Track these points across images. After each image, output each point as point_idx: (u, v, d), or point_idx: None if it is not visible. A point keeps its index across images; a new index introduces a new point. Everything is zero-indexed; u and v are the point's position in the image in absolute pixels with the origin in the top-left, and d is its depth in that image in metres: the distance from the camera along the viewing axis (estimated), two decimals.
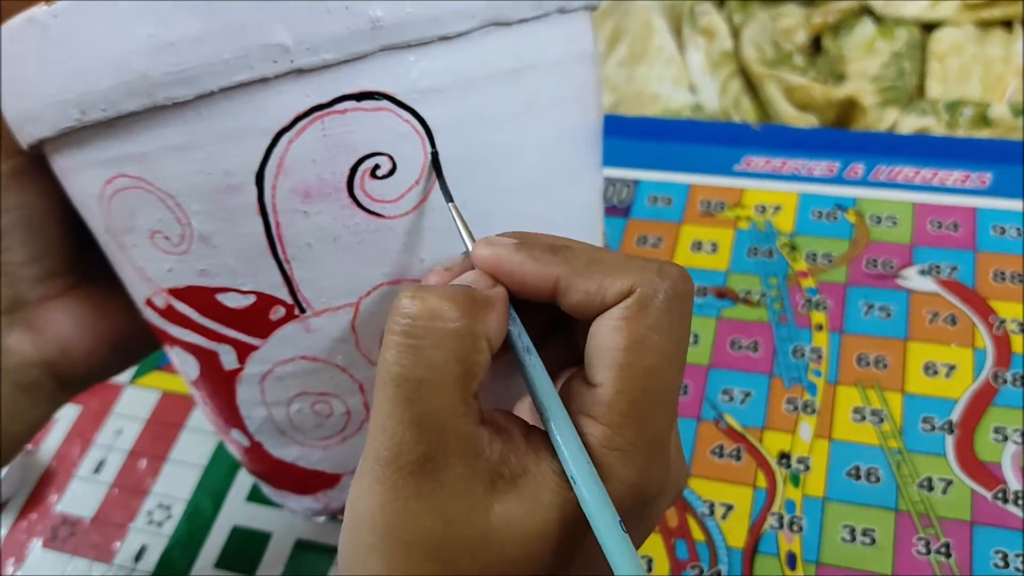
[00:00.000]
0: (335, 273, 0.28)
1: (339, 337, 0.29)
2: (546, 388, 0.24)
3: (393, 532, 0.23)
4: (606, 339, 0.24)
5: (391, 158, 0.27)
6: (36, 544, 0.47)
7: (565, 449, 0.23)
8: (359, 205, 0.27)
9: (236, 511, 0.46)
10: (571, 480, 0.23)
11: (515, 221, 0.29)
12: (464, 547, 0.23)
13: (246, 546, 0.45)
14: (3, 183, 0.33)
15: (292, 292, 0.28)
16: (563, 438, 0.23)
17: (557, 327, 0.28)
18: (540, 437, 0.25)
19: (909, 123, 0.60)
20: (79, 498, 0.48)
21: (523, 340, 0.25)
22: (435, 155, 0.27)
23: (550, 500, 0.24)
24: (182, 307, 0.30)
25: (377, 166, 0.27)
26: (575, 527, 0.24)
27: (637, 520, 0.25)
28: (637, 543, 0.26)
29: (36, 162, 0.33)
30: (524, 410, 0.29)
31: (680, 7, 0.71)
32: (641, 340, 0.24)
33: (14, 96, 0.30)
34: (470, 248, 0.26)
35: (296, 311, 0.29)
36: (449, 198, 0.27)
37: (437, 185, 0.28)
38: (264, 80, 0.26)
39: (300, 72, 0.26)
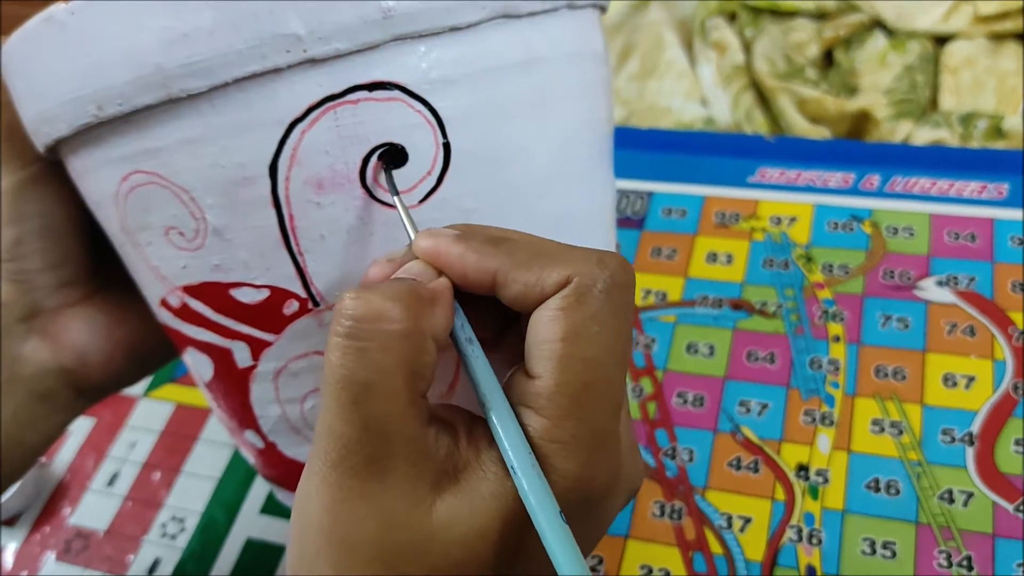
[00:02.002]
0: (348, 265, 0.28)
1: None
2: (487, 378, 0.24)
3: (339, 535, 0.23)
4: (544, 330, 0.24)
5: (403, 149, 0.27)
6: (49, 557, 0.47)
7: (505, 439, 0.23)
8: (372, 196, 0.27)
9: (250, 524, 0.46)
10: (511, 470, 0.23)
11: (526, 215, 0.29)
12: (408, 549, 0.23)
13: (260, 559, 0.45)
14: (21, 192, 0.34)
15: (305, 285, 0.28)
16: (503, 428, 0.23)
17: (507, 327, 0.28)
18: (483, 430, 0.25)
19: (923, 135, 0.60)
20: (93, 511, 0.48)
21: (465, 331, 0.25)
22: (385, 152, 0.27)
23: (490, 492, 0.23)
24: (196, 304, 0.30)
25: (389, 156, 0.27)
26: (517, 522, 0.23)
27: (583, 517, 0.25)
28: (586, 542, 0.26)
29: (52, 171, 0.33)
30: (468, 399, 0.28)
31: (691, 22, 0.71)
32: (579, 331, 0.23)
33: (31, 98, 0.30)
34: (413, 238, 0.26)
35: (309, 305, 0.29)
36: (395, 192, 0.27)
37: (449, 175, 0.28)
38: (277, 70, 0.26)
39: (313, 62, 0.26)
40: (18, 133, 0.33)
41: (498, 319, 0.27)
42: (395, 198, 0.27)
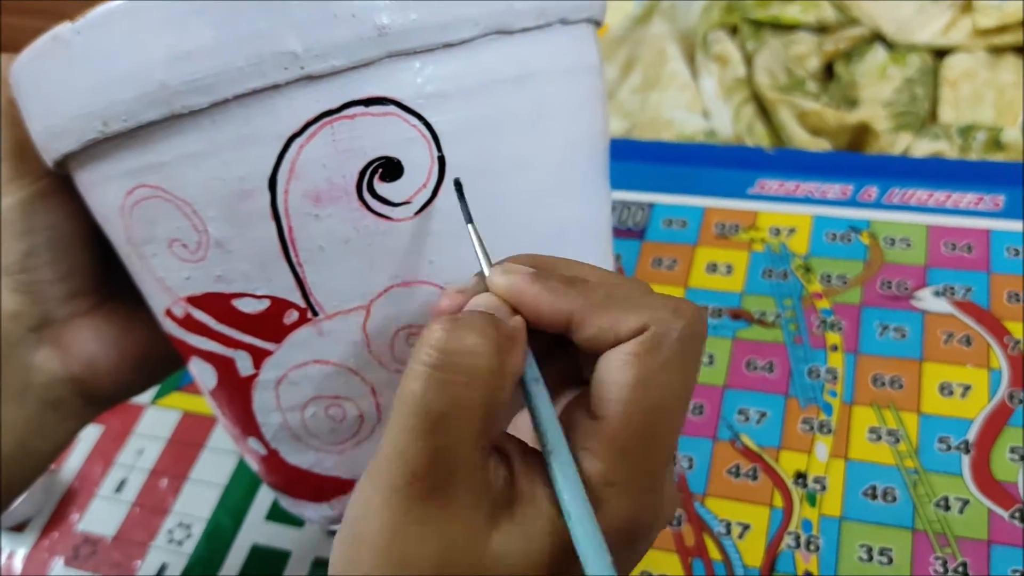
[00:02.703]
0: (346, 276, 0.29)
1: (351, 340, 0.30)
2: (550, 421, 0.24)
3: (396, 555, 0.23)
4: (615, 373, 0.24)
5: (399, 162, 0.28)
6: (58, 562, 0.47)
7: (563, 486, 0.23)
8: (368, 208, 0.28)
9: (255, 530, 0.47)
10: (566, 516, 0.23)
11: (522, 227, 0.30)
12: (463, 573, 0.23)
13: (265, 564, 0.45)
14: (31, 205, 0.34)
15: (305, 296, 0.29)
16: (562, 475, 0.24)
17: (560, 347, 0.28)
18: (539, 463, 0.25)
19: (922, 148, 0.61)
20: (101, 517, 0.49)
21: (532, 369, 0.25)
22: (458, 181, 0.28)
23: (543, 528, 0.24)
24: (200, 315, 0.31)
25: (385, 170, 0.28)
26: (567, 559, 0.24)
27: (627, 552, 0.25)
28: (624, 569, 0.26)
29: (61, 185, 0.34)
30: (521, 427, 0.28)
31: (693, 35, 0.72)
32: (650, 378, 0.24)
33: (40, 114, 0.31)
34: (487, 272, 0.26)
35: (309, 315, 0.29)
36: (469, 219, 0.27)
37: (444, 188, 0.28)
38: (276, 87, 0.27)
39: (310, 78, 0.27)
40: (27, 149, 0.34)
41: (550, 338, 0.27)
42: (469, 226, 0.27)
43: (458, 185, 0.28)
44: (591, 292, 0.25)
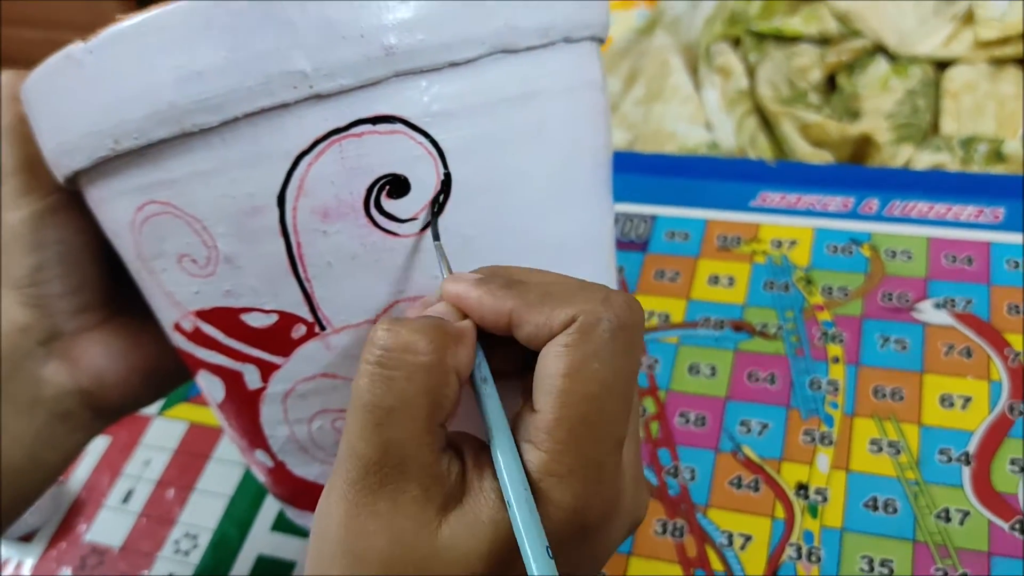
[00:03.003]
0: (353, 291, 0.29)
1: (358, 354, 0.30)
2: (495, 414, 0.25)
3: (351, 546, 0.25)
4: (548, 366, 0.25)
5: (406, 179, 0.28)
6: (65, 573, 0.48)
7: (504, 472, 0.24)
8: (375, 224, 0.28)
9: (261, 540, 0.47)
10: (507, 503, 0.24)
11: (527, 242, 0.30)
12: (412, 565, 0.24)
13: (271, 575, 0.46)
14: (42, 220, 0.35)
15: (313, 310, 0.30)
16: (504, 461, 0.24)
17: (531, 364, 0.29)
18: (489, 458, 0.26)
19: (924, 159, 0.61)
20: (108, 528, 0.49)
21: (481, 370, 0.26)
22: (436, 198, 0.29)
23: (490, 518, 0.24)
24: (208, 329, 0.31)
25: (392, 187, 0.28)
26: (511, 549, 0.24)
27: (578, 545, 0.25)
28: (584, 569, 0.27)
29: (71, 200, 0.35)
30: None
31: (696, 47, 0.72)
32: (580, 367, 0.24)
33: (51, 131, 0.31)
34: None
35: (316, 329, 0.30)
36: (436, 237, 0.28)
37: (450, 205, 0.29)
38: (285, 105, 0.27)
39: (319, 97, 0.27)
40: (38, 165, 0.34)
41: (524, 355, 0.28)
42: (435, 244, 0.28)
43: (435, 204, 0.29)
44: (527, 292, 0.26)
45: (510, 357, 0.28)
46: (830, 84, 0.69)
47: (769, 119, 0.67)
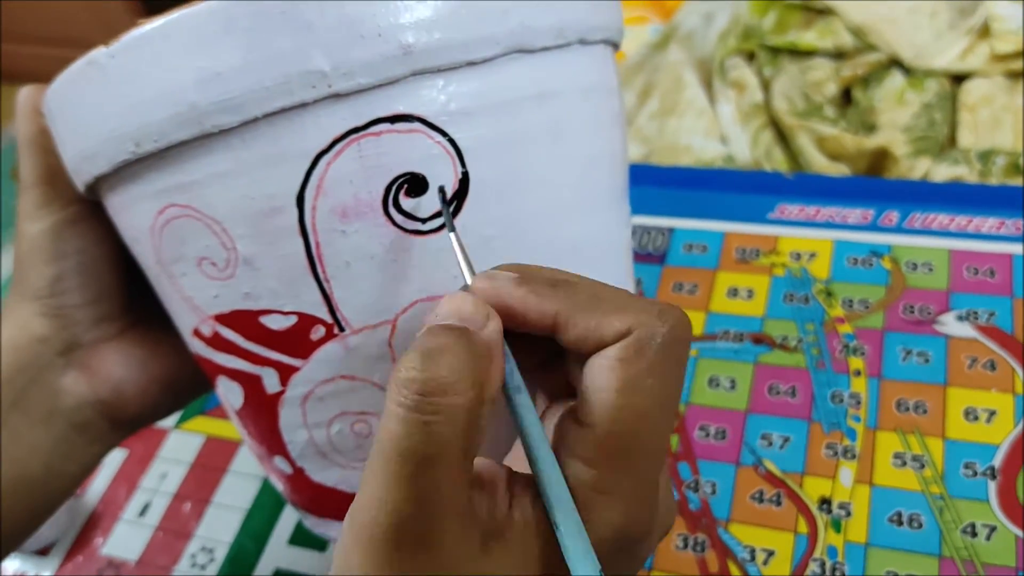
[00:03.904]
0: (372, 291, 0.29)
1: (377, 355, 0.30)
2: (534, 430, 0.24)
3: None
4: (600, 379, 0.24)
5: (424, 178, 0.28)
6: None
7: (552, 497, 0.23)
8: (394, 223, 0.28)
9: (278, 554, 0.47)
10: (554, 527, 0.23)
11: (542, 244, 0.30)
12: None
13: None
14: (61, 231, 0.35)
15: (332, 311, 0.29)
16: (550, 486, 0.23)
17: (553, 359, 0.28)
18: (524, 483, 0.25)
19: (942, 172, 0.61)
20: (124, 541, 0.49)
21: (514, 378, 0.25)
22: (442, 188, 0.28)
23: (538, 548, 0.24)
24: (227, 332, 0.31)
25: (410, 185, 0.28)
26: (563, 571, 0.23)
27: (619, 560, 0.25)
28: None
29: (90, 211, 0.35)
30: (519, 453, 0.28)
31: (710, 61, 0.72)
32: (635, 383, 0.23)
33: (73, 138, 0.31)
34: (468, 281, 0.26)
35: (336, 330, 0.30)
36: (451, 228, 0.28)
37: (468, 203, 0.29)
38: (303, 105, 0.27)
39: (337, 96, 0.27)
40: (58, 176, 0.34)
41: (547, 349, 0.27)
42: (451, 235, 0.27)
43: (442, 192, 0.28)
44: (576, 293, 0.25)
45: (528, 352, 0.26)
46: (845, 98, 0.69)
47: (784, 132, 0.67)
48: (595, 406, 0.24)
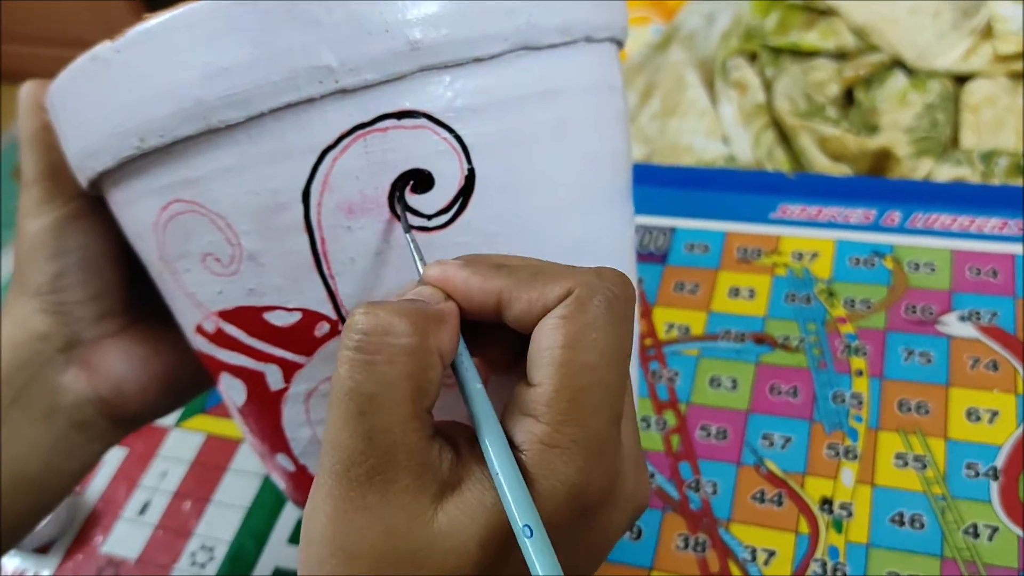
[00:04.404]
0: (377, 287, 0.29)
1: None
2: (476, 392, 0.25)
3: (341, 544, 0.24)
4: (545, 339, 0.24)
5: (429, 174, 0.28)
6: None
7: (489, 445, 0.24)
8: (399, 219, 0.28)
9: (278, 553, 0.47)
10: (493, 476, 0.23)
11: (545, 241, 0.30)
12: (407, 558, 0.23)
13: None
14: (63, 227, 0.35)
15: (336, 307, 0.29)
16: (489, 439, 0.24)
17: (493, 333, 0.28)
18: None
19: (944, 173, 0.61)
20: (124, 539, 0.49)
21: (462, 354, 0.26)
22: (398, 193, 0.28)
23: (486, 504, 0.24)
24: (231, 329, 0.31)
25: (416, 181, 0.28)
26: (509, 531, 0.24)
27: (579, 526, 0.25)
28: (586, 555, 0.26)
29: (92, 207, 0.35)
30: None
31: (712, 62, 0.72)
32: (579, 337, 0.24)
33: (77, 133, 0.31)
34: (421, 272, 0.27)
35: (340, 327, 0.30)
36: (407, 229, 0.28)
37: (473, 200, 0.29)
38: (310, 100, 0.27)
39: (344, 92, 0.27)
40: (60, 172, 0.34)
41: (515, 347, 0.27)
42: (407, 235, 0.28)
43: (399, 193, 0.28)
44: (517, 271, 0.26)
45: (498, 351, 0.27)
46: (848, 98, 0.69)
47: (786, 133, 0.66)
48: (542, 364, 0.24)
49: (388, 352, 0.23)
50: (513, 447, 0.24)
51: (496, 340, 0.27)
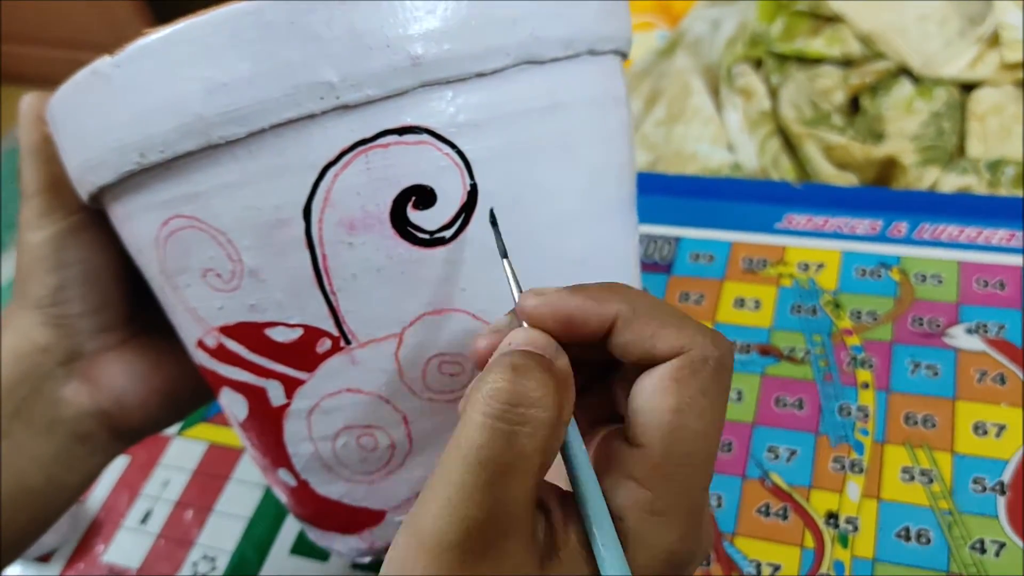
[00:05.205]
0: (379, 304, 0.29)
1: (383, 368, 0.30)
2: (577, 450, 0.24)
3: None
4: (654, 399, 0.24)
5: (432, 190, 0.28)
6: None
7: (590, 512, 0.23)
8: (401, 236, 0.28)
9: (280, 563, 0.46)
10: (592, 541, 0.23)
11: (550, 255, 0.30)
12: None
13: None
14: (64, 240, 0.35)
15: (338, 324, 0.29)
16: (590, 502, 0.23)
17: (593, 385, 0.28)
18: (574, 505, 0.25)
19: (950, 182, 0.60)
20: (126, 548, 0.49)
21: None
22: (492, 212, 0.28)
23: (590, 572, 0.23)
24: (232, 344, 0.31)
25: (418, 198, 0.28)
26: None
27: None
28: None
29: (93, 220, 0.35)
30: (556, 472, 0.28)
31: (717, 68, 0.72)
32: (691, 404, 0.24)
33: (77, 147, 0.31)
34: (517, 301, 0.26)
35: (342, 343, 0.30)
36: (504, 253, 0.28)
37: (476, 216, 0.28)
38: (311, 116, 0.27)
39: (345, 108, 0.27)
40: (61, 185, 0.34)
41: (588, 374, 0.27)
42: (504, 261, 0.27)
43: (493, 217, 0.28)
44: (637, 298, 0.25)
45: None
46: (854, 106, 0.68)
47: (792, 141, 0.66)
48: (649, 427, 0.24)
49: (532, 425, 0.23)
50: (611, 509, 0.24)
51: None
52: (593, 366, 0.27)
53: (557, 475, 0.25)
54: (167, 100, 0.27)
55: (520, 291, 0.26)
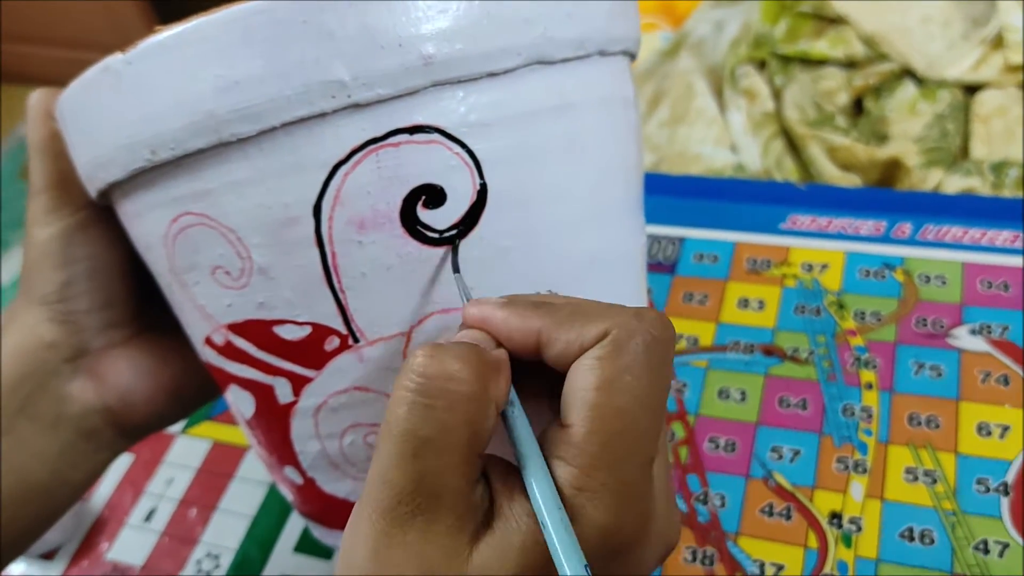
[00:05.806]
0: (388, 302, 0.29)
1: (391, 367, 0.30)
2: (524, 434, 0.25)
3: None
4: (579, 379, 0.24)
5: (442, 189, 0.28)
6: None
7: (536, 494, 0.24)
8: (411, 235, 0.28)
9: (284, 561, 0.46)
10: (541, 525, 0.23)
11: (558, 255, 0.30)
12: None
13: None
14: (71, 236, 0.35)
15: (347, 322, 0.29)
16: (536, 482, 0.24)
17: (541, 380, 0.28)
18: (518, 480, 0.25)
19: (954, 183, 0.60)
20: (130, 546, 0.49)
21: (509, 396, 0.26)
22: (453, 237, 0.29)
23: (522, 543, 0.24)
24: (240, 342, 0.31)
25: (428, 197, 0.28)
26: (544, 572, 0.24)
27: (614, 568, 0.25)
28: None
29: (101, 216, 0.35)
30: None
31: (721, 69, 0.72)
32: (613, 380, 0.24)
33: (87, 144, 0.31)
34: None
35: (350, 341, 0.30)
36: (456, 270, 0.28)
37: (485, 215, 0.29)
38: (322, 115, 0.27)
39: (356, 107, 0.27)
40: (69, 180, 0.34)
41: (550, 382, 0.27)
42: (455, 276, 0.28)
43: (455, 242, 0.29)
44: (556, 310, 0.26)
45: (535, 383, 0.27)
46: (857, 107, 0.68)
47: (796, 142, 0.66)
48: (575, 406, 0.24)
49: (449, 398, 0.23)
50: None
51: (535, 374, 0.27)
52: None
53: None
54: (178, 97, 0.27)
55: (468, 298, 0.28)
